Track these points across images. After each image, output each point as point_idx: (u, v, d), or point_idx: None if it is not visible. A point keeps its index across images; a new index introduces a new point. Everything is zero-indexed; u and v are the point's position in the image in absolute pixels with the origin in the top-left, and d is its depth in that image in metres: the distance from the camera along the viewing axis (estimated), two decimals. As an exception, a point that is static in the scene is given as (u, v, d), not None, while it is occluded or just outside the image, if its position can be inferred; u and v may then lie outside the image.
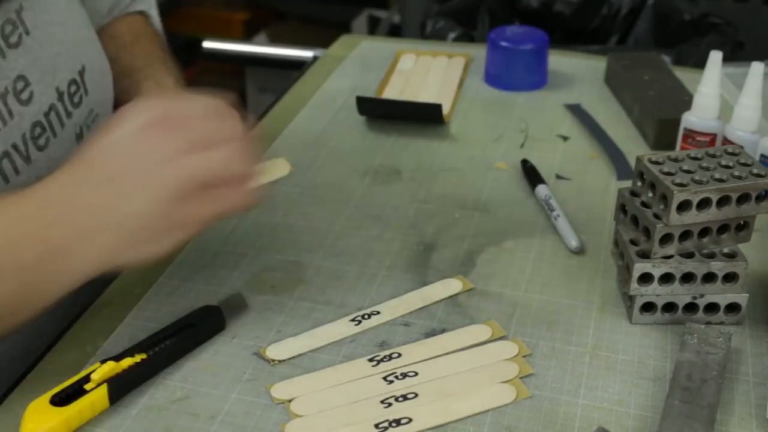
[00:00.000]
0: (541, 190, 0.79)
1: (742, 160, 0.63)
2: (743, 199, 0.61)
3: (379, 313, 0.64)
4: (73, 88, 0.70)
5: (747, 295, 0.63)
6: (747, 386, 0.58)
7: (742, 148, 0.65)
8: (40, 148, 0.66)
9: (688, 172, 0.62)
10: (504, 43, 1.02)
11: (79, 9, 0.76)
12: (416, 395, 0.57)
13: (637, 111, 0.93)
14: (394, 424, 0.54)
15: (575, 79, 1.05)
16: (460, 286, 0.67)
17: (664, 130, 0.87)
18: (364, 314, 0.64)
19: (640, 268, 0.62)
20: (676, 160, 0.63)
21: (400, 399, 0.56)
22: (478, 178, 0.83)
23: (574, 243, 0.72)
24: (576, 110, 0.97)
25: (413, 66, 1.07)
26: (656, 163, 0.63)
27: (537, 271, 0.70)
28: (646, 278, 0.62)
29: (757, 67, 0.76)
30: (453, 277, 0.68)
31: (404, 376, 0.58)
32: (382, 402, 0.56)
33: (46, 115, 0.67)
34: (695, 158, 0.63)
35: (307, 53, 1.20)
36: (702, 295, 0.63)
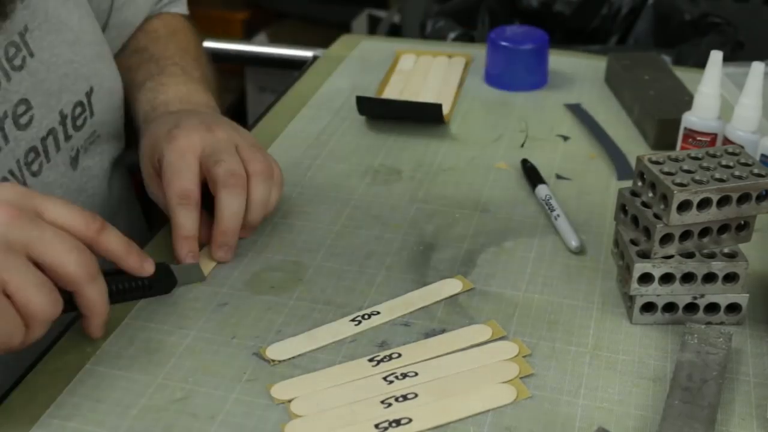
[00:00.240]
0: (541, 190, 0.79)
1: (743, 160, 0.63)
2: (744, 199, 0.61)
3: (379, 313, 0.64)
4: (78, 110, 0.69)
5: (747, 295, 0.63)
6: (747, 386, 0.58)
7: (743, 147, 0.65)
8: (34, 173, 0.64)
9: (689, 172, 0.61)
10: (504, 43, 1.01)
11: (93, 25, 0.74)
12: (416, 395, 0.57)
13: (638, 111, 0.93)
14: (394, 424, 0.54)
15: (575, 79, 1.05)
16: (460, 286, 0.67)
17: (664, 130, 0.87)
18: (364, 314, 0.64)
19: (640, 268, 0.62)
20: (676, 160, 0.63)
21: (400, 399, 0.56)
22: (478, 178, 0.83)
23: (574, 243, 0.72)
24: (576, 110, 0.97)
25: (413, 66, 1.07)
26: (656, 163, 0.63)
27: (537, 271, 0.70)
28: (646, 278, 0.62)
29: (757, 67, 0.76)
30: (453, 277, 0.68)
31: (404, 376, 0.58)
32: (382, 402, 0.56)
33: (43, 140, 0.65)
34: (696, 158, 0.63)
35: (307, 53, 1.20)
36: (702, 295, 0.63)
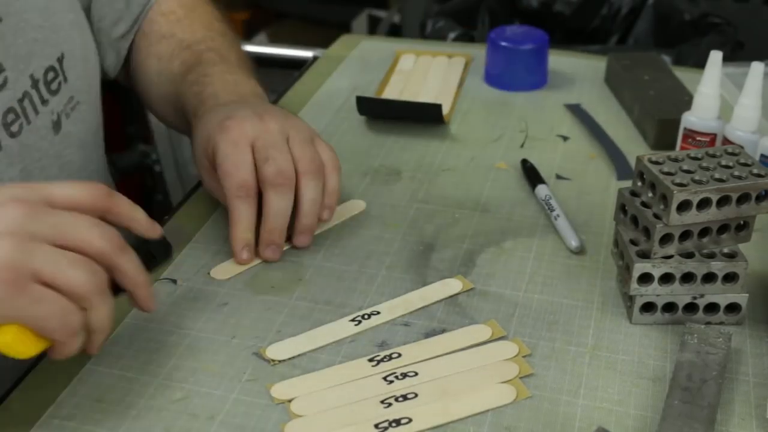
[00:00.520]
0: (541, 190, 0.79)
1: (742, 160, 0.63)
2: (743, 199, 0.61)
3: (378, 313, 0.64)
4: (51, 75, 0.68)
5: (747, 295, 0.63)
6: (747, 386, 0.58)
7: (742, 148, 0.65)
8: (13, 134, 0.64)
9: (688, 172, 0.62)
10: (504, 43, 1.02)
11: None
12: (416, 395, 0.57)
13: (637, 111, 0.93)
14: (394, 424, 0.54)
15: (575, 79, 1.05)
16: (460, 286, 0.67)
17: (664, 130, 0.87)
18: (364, 314, 0.64)
19: (640, 268, 0.62)
20: (676, 160, 0.63)
21: (400, 399, 0.56)
22: (478, 178, 0.83)
23: (574, 243, 0.72)
24: (576, 110, 0.97)
25: (413, 66, 1.07)
26: (656, 163, 0.63)
27: (537, 271, 0.70)
28: (646, 278, 0.62)
29: (757, 67, 0.76)
30: (453, 277, 0.68)
31: (404, 376, 0.58)
32: (382, 402, 0.56)
33: (20, 102, 0.65)
34: (695, 158, 0.63)
35: (307, 53, 1.20)
36: (702, 295, 0.63)
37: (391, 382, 0.58)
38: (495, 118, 0.95)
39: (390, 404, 0.56)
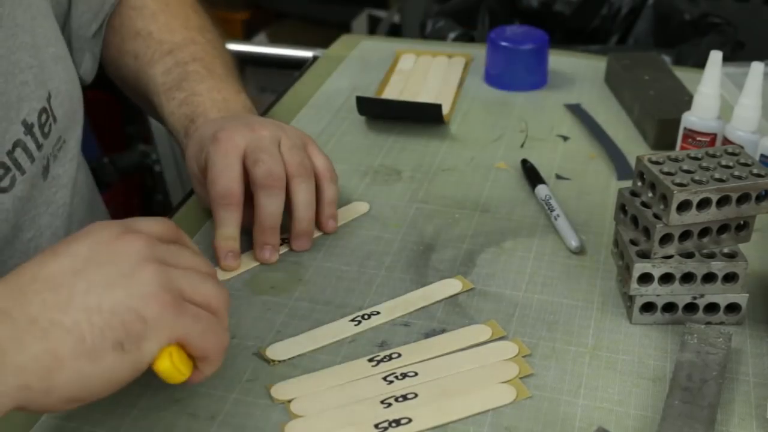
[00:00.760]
0: (541, 190, 0.79)
1: (742, 160, 0.63)
2: (743, 199, 0.61)
3: (378, 313, 0.64)
4: (44, 117, 0.66)
5: (747, 295, 0.63)
6: (747, 386, 0.58)
7: (742, 148, 0.65)
8: (4, 189, 0.62)
9: (688, 172, 0.61)
10: (504, 43, 1.02)
11: (48, 19, 0.70)
12: (416, 395, 0.57)
13: (637, 111, 0.93)
14: (394, 424, 0.54)
15: (575, 79, 1.05)
16: (460, 286, 0.67)
17: (664, 130, 0.87)
18: (364, 314, 0.64)
19: (640, 268, 0.62)
20: (676, 160, 0.63)
21: (400, 399, 0.56)
22: (478, 178, 0.83)
23: (574, 243, 0.72)
24: (576, 110, 0.97)
25: (413, 66, 1.07)
26: (656, 163, 0.63)
27: (537, 271, 0.70)
28: (646, 278, 0.62)
29: (757, 67, 0.76)
30: (453, 277, 0.68)
31: (404, 376, 0.58)
32: (382, 402, 0.56)
33: (10, 154, 0.63)
34: (695, 158, 0.63)
35: (307, 53, 1.20)
36: (702, 295, 0.63)
37: (391, 383, 0.58)
38: (495, 118, 0.95)
39: (390, 404, 0.56)
